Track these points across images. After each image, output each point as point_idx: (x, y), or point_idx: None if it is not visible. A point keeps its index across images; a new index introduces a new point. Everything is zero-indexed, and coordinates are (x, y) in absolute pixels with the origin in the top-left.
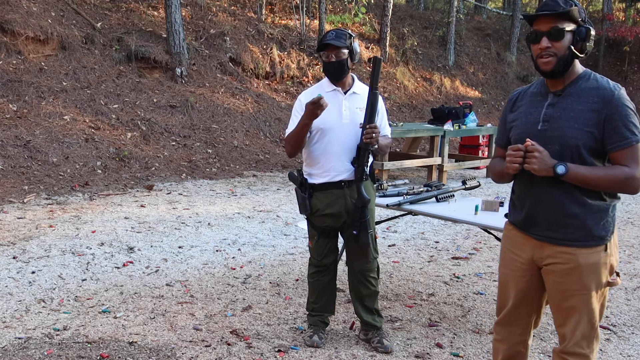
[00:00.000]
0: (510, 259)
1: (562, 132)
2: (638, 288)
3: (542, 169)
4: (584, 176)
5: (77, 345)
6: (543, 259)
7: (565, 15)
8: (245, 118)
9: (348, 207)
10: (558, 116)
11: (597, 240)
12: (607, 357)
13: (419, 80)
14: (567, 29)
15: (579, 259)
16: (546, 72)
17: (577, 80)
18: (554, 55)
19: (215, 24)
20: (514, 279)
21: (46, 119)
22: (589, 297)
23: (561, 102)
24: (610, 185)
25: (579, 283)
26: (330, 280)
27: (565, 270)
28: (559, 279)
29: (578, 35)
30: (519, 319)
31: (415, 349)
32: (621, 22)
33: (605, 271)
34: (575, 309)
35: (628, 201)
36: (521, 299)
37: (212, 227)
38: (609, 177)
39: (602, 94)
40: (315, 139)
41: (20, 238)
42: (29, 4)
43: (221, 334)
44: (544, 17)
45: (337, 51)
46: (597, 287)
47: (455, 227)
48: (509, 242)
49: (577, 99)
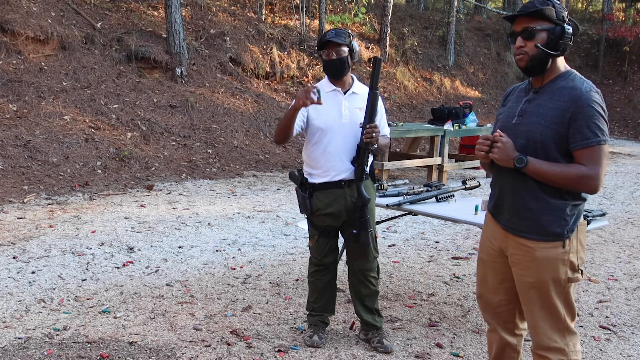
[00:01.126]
0: (486, 245)
1: (530, 127)
2: (638, 288)
3: (502, 159)
4: (542, 170)
5: (77, 345)
6: (507, 249)
7: (538, 14)
8: (245, 118)
9: (348, 207)
10: (530, 112)
11: (552, 237)
12: (607, 357)
13: (419, 80)
14: (540, 27)
15: (535, 252)
16: (522, 69)
17: (556, 79)
18: (525, 53)
19: (215, 24)
20: (490, 264)
21: (46, 119)
22: (547, 291)
23: (536, 99)
24: (567, 182)
25: (535, 276)
26: (330, 280)
27: (524, 262)
28: (519, 271)
29: (553, 34)
30: (498, 306)
31: (415, 349)
32: (621, 22)
33: (564, 267)
34: (533, 302)
35: (628, 201)
36: (497, 285)
37: (212, 227)
38: (564, 174)
39: (572, 93)
40: (315, 139)
41: (20, 238)
42: (29, 4)
43: (221, 334)
44: (519, 17)
45: (337, 49)
46: (555, 282)
47: (455, 227)
48: (486, 229)
49: (551, 96)
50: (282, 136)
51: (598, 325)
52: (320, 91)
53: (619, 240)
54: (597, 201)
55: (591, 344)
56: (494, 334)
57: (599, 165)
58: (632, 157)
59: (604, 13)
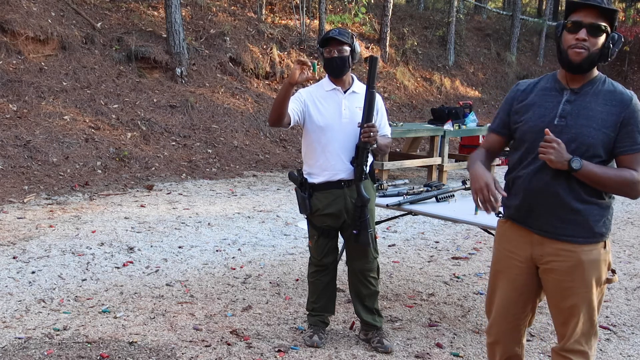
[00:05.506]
0: (505, 257)
1: (579, 130)
2: (638, 288)
3: (558, 161)
4: (595, 174)
5: (77, 345)
6: (543, 256)
7: (609, 13)
8: (245, 118)
9: (348, 207)
10: (576, 114)
11: (597, 237)
12: (607, 357)
13: (419, 80)
14: (605, 29)
15: (580, 255)
16: (573, 64)
17: (595, 81)
18: (587, 49)
19: (215, 24)
20: (509, 277)
21: (46, 119)
22: (590, 294)
23: (579, 100)
24: (618, 186)
25: (581, 280)
26: (330, 280)
27: (567, 268)
28: (560, 277)
29: (611, 40)
30: (512, 320)
31: (415, 349)
32: (621, 22)
33: (605, 268)
34: (577, 307)
35: (628, 201)
36: (516, 299)
37: (212, 227)
38: (618, 178)
39: (620, 97)
40: (314, 138)
41: (20, 238)
42: (29, 4)
43: (221, 334)
44: (589, 8)
45: (339, 47)
46: (598, 284)
47: (455, 227)
48: (504, 239)
49: (596, 99)
50: (275, 116)
51: (598, 325)
52: (315, 65)
53: (619, 240)
54: None
55: None
56: (497, 346)
57: None
58: None
59: None
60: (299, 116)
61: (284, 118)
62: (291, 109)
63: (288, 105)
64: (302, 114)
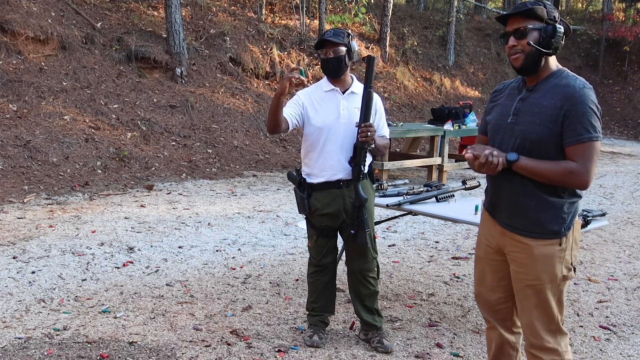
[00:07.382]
0: (483, 244)
1: (525, 126)
2: (638, 288)
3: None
4: (530, 167)
5: (77, 345)
6: (505, 246)
7: (530, 13)
8: (245, 118)
9: (346, 207)
10: (525, 111)
11: (550, 234)
12: (607, 357)
13: (419, 80)
14: (532, 27)
15: (532, 250)
16: (517, 69)
17: (549, 77)
18: (520, 52)
19: (215, 24)
20: (487, 262)
21: (46, 119)
22: (543, 289)
23: (530, 97)
24: (556, 178)
25: (532, 274)
26: (330, 280)
27: (521, 259)
28: (517, 269)
29: (544, 33)
30: (496, 304)
31: (415, 349)
32: (621, 22)
33: (560, 265)
34: (528, 300)
35: (628, 201)
36: (495, 282)
37: (212, 227)
38: (552, 170)
39: (565, 90)
40: (313, 139)
41: (20, 238)
42: (29, 4)
43: (221, 334)
44: (511, 17)
45: (334, 47)
46: (551, 280)
47: (455, 227)
48: (483, 227)
49: (544, 94)
50: (271, 125)
51: (598, 325)
52: (304, 70)
53: (619, 240)
54: (597, 201)
55: (591, 344)
56: (492, 332)
57: (589, 161)
58: (632, 157)
59: (604, 13)
60: (298, 119)
61: (280, 125)
62: (289, 113)
63: (282, 113)
64: (301, 117)
